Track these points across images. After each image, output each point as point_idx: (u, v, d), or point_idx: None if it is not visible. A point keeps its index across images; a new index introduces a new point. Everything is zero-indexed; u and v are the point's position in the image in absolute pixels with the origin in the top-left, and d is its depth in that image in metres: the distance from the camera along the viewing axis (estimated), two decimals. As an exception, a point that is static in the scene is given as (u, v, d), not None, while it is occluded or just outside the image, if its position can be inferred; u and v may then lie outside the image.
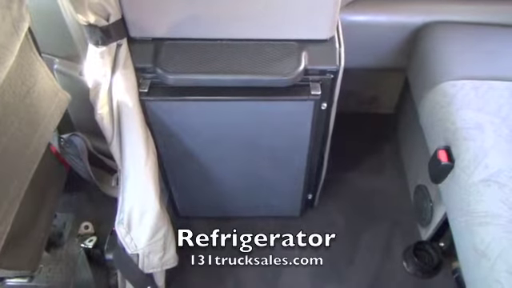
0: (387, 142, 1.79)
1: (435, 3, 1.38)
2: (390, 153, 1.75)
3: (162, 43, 1.02)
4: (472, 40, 1.29)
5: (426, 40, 1.34)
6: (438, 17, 1.37)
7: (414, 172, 1.56)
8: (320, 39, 1.01)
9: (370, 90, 1.78)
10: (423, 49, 1.34)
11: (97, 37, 0.93)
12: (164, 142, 1.18)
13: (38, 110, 0.98)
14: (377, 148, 1.77)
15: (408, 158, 1.65)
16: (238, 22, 0.99)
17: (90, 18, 0.90)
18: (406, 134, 1.68)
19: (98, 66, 0.98)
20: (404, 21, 1.39)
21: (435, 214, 1.33)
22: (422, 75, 1.31)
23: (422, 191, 1.42)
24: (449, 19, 1.36)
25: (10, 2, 0.81)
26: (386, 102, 1.82)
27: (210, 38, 1.02)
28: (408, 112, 1.60)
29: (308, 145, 1.20)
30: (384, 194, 1.63)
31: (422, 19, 1.37)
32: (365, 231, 1.54)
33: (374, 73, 1.65)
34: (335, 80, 1.03)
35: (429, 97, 1.22)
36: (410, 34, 1.40)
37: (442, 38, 1.31)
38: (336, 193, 1.62)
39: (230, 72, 0.97)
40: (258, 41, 1.01)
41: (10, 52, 0.83)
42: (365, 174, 1.69)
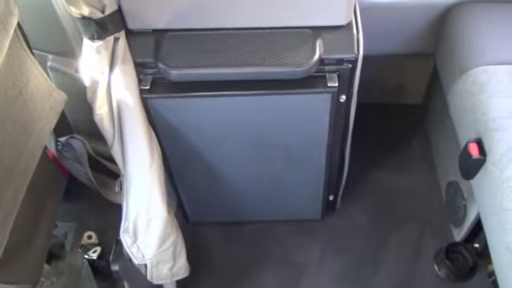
0: (415, 135, 1.77)
1: (465, -21, 1.35)
2: (418, 147, 1.73)
3: (163, 35, 1.02)
4: (505, 20, 1.26)
5: (456, 21, 1.31)
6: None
7: (445, 167, 1.53)
8: (336, 25, 1.00)
9: (394, 78, 1.76)
10: (452, 31, 1.31)
11: (92, 30, 0.93)
12: (169, 142, 1.18)
13: (31, 113, 0.98)
14: (404, 142, 1.75)
15: (438, 151, 1.62)
16: (245, 9, 0.98)
17: (83, 10, 0.90)
18: (435, 125, 1.66)
19: (94, 62, 0.98)
20: (430, 1, 1.36)
21: (468, 213, 1.31)
22: (452, 61, 1.29)
23: (454, 188, 1.40)
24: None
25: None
26: (413, 91, 1.79)
27: (215, 27, 1.01)
28: (437, 101, 1.58)
29: (326, 141, 1.18)
30: (412, 193, 1.61)
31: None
32: (392, 233, 1.52)
33: (399, 59, 1.63)
34: (354, 70, 1.02)
35: (458, 84, 1.20)
36: (437, 16, 1.38)
37: (474, 19, 1.28)
38: (360, 192, 1.61)
39: (238, 64, 0.97)
40: (268, 29, 1.01)
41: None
42: (391, 171, 1.67)
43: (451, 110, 1.26)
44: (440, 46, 1.40)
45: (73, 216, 1.51)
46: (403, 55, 1.55)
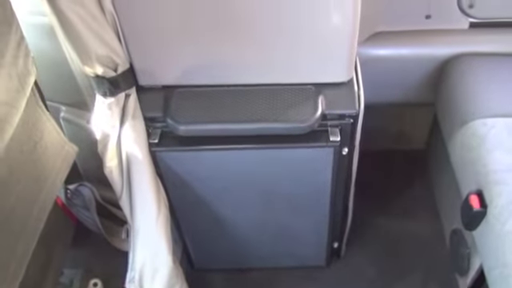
0: (418, 181, 1.79)
1: (461, 34, 1.41)
2: (421, 193, 1.75)
3: (172, 91, 1.07)
4: (503, 73, 1.31)
5: (454, 73, 1.36)
6: (465, 48, 1.39)
7: (449, 214, 1.55)
8: (337, 82, 1.04)
9: (396, 125, 1.80)
10: (451, 83, 1.36)
11: (105, 88, 0.98)
12: (176, 191, 1.21)
13: (44, 166, 1.03)
14: (407, 188, 1.77)
15: (442, 198, 1.64)
16: (251, 68, 1.03)
17: (97, 69, 0.95)
18: (438, 171, 1.68)
19: (106, 117, 1.03)
20: (429, 53, 1.41)
21: (473, 262, 1.32)
22: (451, 112, 1.33)
23: (458, 236, 1.41)
24: (477, 50, 1.38)
25: (15, 59, 0.87)
26: (415, 137, 1.83)
27: (222, 84, 1.06)
28: (439, 148, 1.61)
29: (330, 191, 1.21)
30: (417, 240, 1.62)
31: (448, 51, 1.40)
32: (397, 281, 1.53)
33: (400, 108, 1.67)
34: (355, 124, 1.06)
35: (458, 136, 1.23)
36: (436, 67, 1.43)
37: (471, 71, 1.32)
38: (364, 239, 1.62)
39: (244, 120, 1.01)
40: (273, 85, 1.05)
41: (16, 109, 0.89)
42: (395, 218, 1.68)
43: (452, 161, 1.28)
44: (439, 97, 1.44)
45: (79, 262, 1.52)
46: (404, 104, 1.59)
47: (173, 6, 0.92)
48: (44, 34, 1.08)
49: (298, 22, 0.95)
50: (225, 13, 0.93)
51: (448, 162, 1.39)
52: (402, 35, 1.42)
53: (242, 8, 0.92)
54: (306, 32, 0.96)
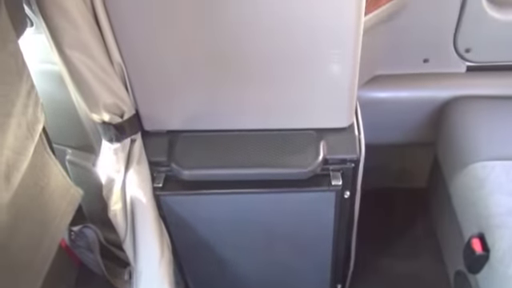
0: (420, 220, 1.78)
1: (459, 77, 1.44)
2: (424, 232, 1.75)
3: (177, 135, 1.09)
4: (501, 115, 1.33)
5: (453, 116, 1.38)
6: (463, 91, 1.42)
7: (452, 255, 1.54)
8: (338, 127, 1.06)
9: (397, 163, 1.81)
10: (450, 125, 1.38)
11: (111, 134, 1.00)
12: (179, 234, 1.21)
13: (50, 210, 1.03)
14: (409, 227, 1.77)
15: (444, 238, 1.64)
16: (253, 114, 1.05)
17: (104, 117, 0.98)
18: (440, 210, 1.68)
19: (111, 162, 1.04)
20: (427, 96, 1.44)
21: (478, 306, 1.31)
22: (451, 154, 1.34)
23: (462, 278, 1.40)
24: (475, 93, 1.41)
25: (25, 107, 0.89)
26: (416, 175, 1.84)
27: (226, 129, 1.08)
28: (441, 187, 1.61)
29: (332, 233, 1.22)
30: (420, 281, 1.61)
31: (446, 94, 1.43)
32: (401, 323, 1.51)
33: (401, 147, 1.69)
34: (357, 168, 1.07)
35: (459, 178, 1.24)
36: (435, 109, 1.45)
37: (469, 114, 1.35)
38: (367, 280, 1.61)
39: (247, 166, 1.03)
40: (275, 131, 1.07)
41: (25, 156, 0.90)
42: (398, 258, 1.67)
43: (454, 202, 1.29)
44: (440, 138, 1.46)
45: (81, 304, 1.52)
46: (404, 144, 1.61)
47: (177, 57, 0.96)
48: (53, 80, 1.11)
49: (299, 71, 0.98)
50: (228, 62, 0.96)
51: (449, 202, 1.40)
52: (401, 78, 1.46)
53: (245, 58, 0.95)
54: (308, 81, 0.99)
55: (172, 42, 0.93)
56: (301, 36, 0.93)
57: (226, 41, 0.92)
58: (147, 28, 0.91)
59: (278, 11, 0.89)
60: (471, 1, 1.28)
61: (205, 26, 0.90)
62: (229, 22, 0.90)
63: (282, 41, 0.93)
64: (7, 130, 0.83)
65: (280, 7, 0.89)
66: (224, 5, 0.87)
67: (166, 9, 0.87)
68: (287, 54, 0.95)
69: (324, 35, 0.93)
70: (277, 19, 0.90)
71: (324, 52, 0.95)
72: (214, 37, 0.92)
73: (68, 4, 0.81)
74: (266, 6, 0.88)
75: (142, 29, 0.91)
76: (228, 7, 0.88)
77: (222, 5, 0.87)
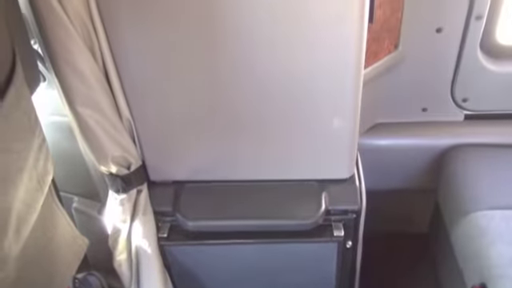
0: (422, 265, 1.78)
1: (457, 126, 1.47)
2: (425, 279, 1.73)
3: (182, 186, 1.11)
4: (500, 164, 1.35)
5: (452, 164, 1.40)
6: (461, 139, 1.44)
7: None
8: (340, 179, 1.09)
9: (398, 210, 1.82)
10: (450, 173, 1.40)
11: (118, 186, 1.03)
12: (183, 283, 1.22)
13: (56, 260, 1.05)
14: (411, 273, 1.76)
15: (446, 286, 1.63)
16: (256, 165, 1.08)
17: (112, 169, 1.00)
18: (441, 257, 1.68)
19: (117, 213, 1.06)
20: (427, 144, 1.47)
21: None
22: (452, 202, 1.36)
23: (465, 326, 1.39)
24: (473, 141, 1.44)
25: (36, 161, 0.92)
26: (418, 221, 1.84)
27: (230, 179, 1.11)
28: (442, 233, 1.62)
29: (334, 282, 1.22)
30: (424, 328, 1.59)
31: (445, 142, 1.45)
32: None
33: (402, 193, 1.70)
34: (358, 219, 1.09)
35: (460, 227, 1.26)
36: (434, 156, 1.48)
37: (469, 162, 1.37)
38: (370, 328, 1.60)
39: (251, 217, 1.05)
40: (278, 181, 1.10)
41: (34, 209, 0.92)
42: (400, 305, 1.66)
43: (455, 250, 1.30)
44: (440, 186, 1.48)
45: None
46: (405, 190, 1.62)
47: (183, 113, 0.99)
48: (62, 131, 1.14)
49: (300, 126, 1.01)
50: (231, 119, 0.99)
51: (451, 249, 1.40)
52: (401, 126, 1.49)
53: (247, 114, 0.99)
54: (309, 134, 1.02)
55: (178, 99, 0.96)
56: (301, 92, 0.96)
57: (230, 100, 0.96)
58: (155, 86, 0.95)
59: (279, 71, 0.93)
60: (467, 53, 1.32)
61: (209, 86, 0.94)
62: (232, 84, 0.94)
63: (283, 99, 0.96)
64: (19, 185, 0.85)
65: (280, 68, 0.92)
66: (227, 69, 0.91)
67: (174, 70, 0.91)
68: (288, 111, 0.98)
69: (324, 91, 0.96)
70: (277, 79, 0.94)
71: (324, 107, 0.98)
72: (218, 95, 0.95)
73: (81, 65, 0.85)
74: (266, 66, 0.92)
75: (150, 86, 0.95)
76: (231, 71, 0.92)
77: (226, 69, 0.91)
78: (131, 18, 0.85)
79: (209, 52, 0.89)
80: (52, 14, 0.80)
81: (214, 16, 0.85)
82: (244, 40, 0.88)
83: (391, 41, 1.25)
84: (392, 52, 1.27)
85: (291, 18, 0.86)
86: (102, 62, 0.89)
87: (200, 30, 0.86)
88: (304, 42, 0.90)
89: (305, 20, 0.87)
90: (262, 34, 0.88)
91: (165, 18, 0.85)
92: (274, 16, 0.86)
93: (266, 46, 0.89)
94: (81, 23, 0.82)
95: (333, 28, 0.88)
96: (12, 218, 0.83)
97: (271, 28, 0.87)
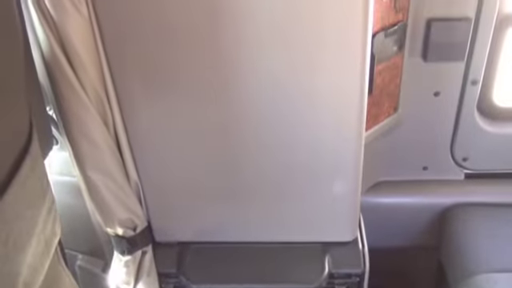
0: (427, 325, 1.76)
1: (458, 185, 1.49)
2: None
3: (187, 247, 1.13)
4: (502, 224, 1.36)
5: (454, 223, 1.42)
6: (462, 198, 1.46)
7: None
8: (343, 241, 1.10)
9: (402, 268, 1.81)
10: (452, 233, 1.41)
11: (123, 247, 1.04)
12: None
13: (59, 320, 1.04)
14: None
15: None
16: (260, 227, 1.10)
17: (118, 231, 1.02)
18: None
19: (122, 274, 1.07)
20: (428, 202, 1.49)
21: None
22: (455, 262, 1.36)
23: None
24: (474, 200, 1.46)
25: (45, 224, 0.93)
26: (422, 279, 1.83)
27: (234, 241, 1.12)
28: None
29: None
30: None
31: (446, 200, 1.47)
32: None
33: (404, 251, 1.70)
34: (362, 282, 1.09)
35: None
36: (436, 215, 1.49)
37: (471, 222, 1.38)
38: None
39: (254, 281, 1.06)
40: (282, 243, 1.11)
41: (40, 273, 0.93)
42: None
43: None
44: (443, 245, 1.49)
45: None
46: (407, 248, 1.63)
47: (190, 176, 1.02)
48: (70, 191, 1.16)
49: (302, 189, 1.03)
50: (235, 182, 1.02)
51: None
52: (402, 185, 1.51)
53: (251, 178, 1.02)
54: (312, 196, 1.05)
55: (186, 164, 1.00)
56: (304, 156, 1.00)
57: (235, 164, 0.99)
58: (164, 152, 0.98)
59: (284, 136, 0.97)
60: (464, 115, 1.36)
61: (215, 152, 0.98)
62: (237, 149, 0.97)
63: (287, 163, 0.99)
64: (28, 250, 0.86)
65: (285, 133, 0.96)
66: (234, 136, 0.95)
67: (182, 138, 0.96)
68: (291, 174, 1.01)
69: (326, 155, 0.99)
70: (282, 144, 0.97)
71: (326, 171, 1.01)
72: (224, 160, 0.99)
73: (93, 133, 0.89)
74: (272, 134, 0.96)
75: (159, 152, 0.98)
76: (238, 138, 0.96)
77: (232, 136, 0.95)
78: (144, 90, 0.89)
79: (217, 121, 0.93)
80: (68, 85, 0.84)
81: (222, 90, 0.90)
82: (250, 110, 0.93)
83: (391, 104, 1.29)
84: (392, 114, 1.31)
85: (296, 90, 0.91)
86: (114, 129, 0.93)
87: (209, 103, 0.91)
88: (308, 109, 0.94)
89: (309, 91, 0.91)
90: (268, 104, 0.92)
91: (175, 91, 0.90)
92: (280, 93, 0.91)
93: (272, 115, 0.93)
94: (95, 95, 0.86)
95: (335, 98, 0.92)
96: (19, 283, 0.84)
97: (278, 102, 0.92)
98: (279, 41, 0.87)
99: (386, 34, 1.11)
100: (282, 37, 0.87)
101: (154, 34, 0.86)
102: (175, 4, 0.83)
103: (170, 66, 0.88)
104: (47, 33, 0.81)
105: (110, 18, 0.83)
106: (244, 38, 0.86)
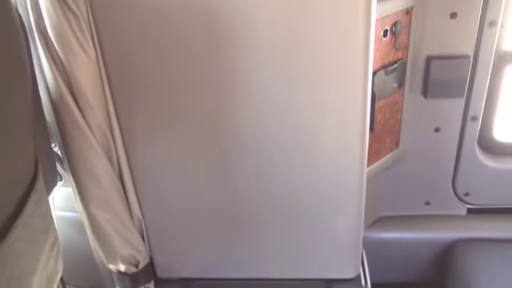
0: None
1: (460, 220, 1.49)
2: None
3: (189, 283, 1.12)
4: (505, 260, 1.35)
5: (457, 259, 1.41)
6: (465, 233, 1.46)
7: None
8: (346, 278, 1.09)
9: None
10: (455, 269, 1.40)
11: (125, 284, 1.04)
12: None
13: None
14: None
15: None
16: (263, 264, 1.09)
17: (120, 267, 1.02)
18: None
19: (124, 312, 1.06)
20: (430, 237, 1.48)
21: None
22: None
23: None
24: (477, 236, 1.45)
25: (48, 260, 0.93)
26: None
27: (236, 278, 1.11)
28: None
29: None
30: None
31: (448, 236, 1.46)
32: None
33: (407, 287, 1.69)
34: (366, 322, 1.08)
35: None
36: (439, 250, 1.48)
37: (474, 258, 1.37)
38: None
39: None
40: (284, 280, 1.10)
41: (43, 309, 0.93)
42: None
43: None
44: (446, 281, 1.47)
45: None
46: (410, 284, 1.61)
47: (192, 212, 1.03)
48: (73, 226, 1.16)
49: (305, 227, 1.04)
50: (237, 219, 1.03)
51: None
52: (405, 220, 1.51)
53: (252, 215, 1.02)
54: (314, 233, 1.04)
55: (188, 200, 1.00)
56: (306, 193, 1.00)
57: (238, 201, 1.00)
58: (168, 189, 0.99)
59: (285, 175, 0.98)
60: (465, 151, 1.37)
61: (218, 188, 0.98)
62: (239, 187, 0.98)
63: (289, 200, 1.00)
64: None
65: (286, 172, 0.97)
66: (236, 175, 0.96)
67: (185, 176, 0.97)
68: (293, 212, 1.02)
69: (328, 193, 1.00)
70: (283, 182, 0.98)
71: (329, 208, 1.01)
72: (227, 198, 0.99)
73: (98, 171, 0.90)
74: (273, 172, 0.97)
75: (162, 189, 0.99)
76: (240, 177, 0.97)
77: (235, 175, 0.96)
78: (148, 129, 0.91)
79: (219, 161, 0.94)
80: (74, 123, 0.85)
81: (224, 130, 0.91)
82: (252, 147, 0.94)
83: (392, 139, 1.30)
84: (393, 150, 1.32)
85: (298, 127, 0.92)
86: (118, 166, 0.94)
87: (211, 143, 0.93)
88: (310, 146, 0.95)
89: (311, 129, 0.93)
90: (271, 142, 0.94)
91: (178, 130, 0.91)
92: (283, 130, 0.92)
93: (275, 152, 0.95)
94: (101, 133, 0.88)
95: (337, 136, 0.93)
96: (20, 324, 0.84)
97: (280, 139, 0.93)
98: (282, 80, 0.89)
99: (386, 72, 1.13)
100: (284, 75, 0.88)
101: (159, 76, 0.88)
102: (179, 49, 0.85)
103: (174, 107, 0.90)
104: (55, 72, 0.83)
105: (116, 60, 0.86)
106: (246, 77, 0.88)
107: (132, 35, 0.85)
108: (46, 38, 0.81)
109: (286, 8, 0.83)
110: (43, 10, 0.79)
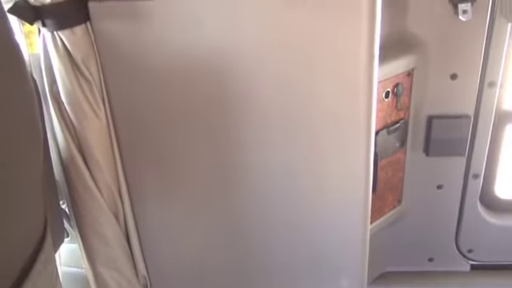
0: None
1: (464, 276, 1.47)
2: None
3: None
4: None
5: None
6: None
7: None
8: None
9: None
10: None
11: None
12: None
13: None
14: None
15: None
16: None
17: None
18: None
19: None
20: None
21: None
22: None
23: None
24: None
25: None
26: None
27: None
28: None
29: None
30: None
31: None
32: None
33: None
34: None
35: None
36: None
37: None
38: None
39: None
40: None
41: None
42: None
43: None
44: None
45: None
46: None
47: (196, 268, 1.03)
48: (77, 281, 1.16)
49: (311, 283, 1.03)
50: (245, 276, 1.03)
51: None
52: (409, 276, 1.49)
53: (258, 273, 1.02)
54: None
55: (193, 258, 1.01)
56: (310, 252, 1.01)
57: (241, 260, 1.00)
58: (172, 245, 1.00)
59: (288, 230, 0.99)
60: (468, 208, 1.37)
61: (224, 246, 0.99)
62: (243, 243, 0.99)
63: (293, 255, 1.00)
64: None
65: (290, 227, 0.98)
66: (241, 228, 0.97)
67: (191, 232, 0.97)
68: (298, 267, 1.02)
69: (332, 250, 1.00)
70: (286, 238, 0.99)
71: (333, 265, 1.02)
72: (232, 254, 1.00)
73: (104, 228, 0.91)
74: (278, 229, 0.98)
75: (167, 245, 1.00)
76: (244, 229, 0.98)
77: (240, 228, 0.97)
78: (155, 189, 0.93)
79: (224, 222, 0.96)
80: (83, 183, 0.87)
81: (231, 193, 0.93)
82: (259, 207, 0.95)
83: (394, 197, 1.31)
84: (396, 207, 1.33)
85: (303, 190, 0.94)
86: (125, 225, 0.95)
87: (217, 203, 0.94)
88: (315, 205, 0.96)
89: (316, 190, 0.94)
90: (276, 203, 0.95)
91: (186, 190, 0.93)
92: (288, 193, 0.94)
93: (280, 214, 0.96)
94: (109, 192, 0.89)
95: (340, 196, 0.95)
96: None
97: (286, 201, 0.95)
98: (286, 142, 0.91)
99: (388, 131, 1.15)
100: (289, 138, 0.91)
101: (166, 138, 0.90)
102: (185, 113, 0.88)
103: (180, 169, 0.92)
104: (66, 134, 0.85)
105: (125, 122, 0.88)
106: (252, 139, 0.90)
107: (140, 98, 0.87)
108: (58, 101, 0.84)
109: (288, 73, 0.86)
110: (57, 76, 0.82)
